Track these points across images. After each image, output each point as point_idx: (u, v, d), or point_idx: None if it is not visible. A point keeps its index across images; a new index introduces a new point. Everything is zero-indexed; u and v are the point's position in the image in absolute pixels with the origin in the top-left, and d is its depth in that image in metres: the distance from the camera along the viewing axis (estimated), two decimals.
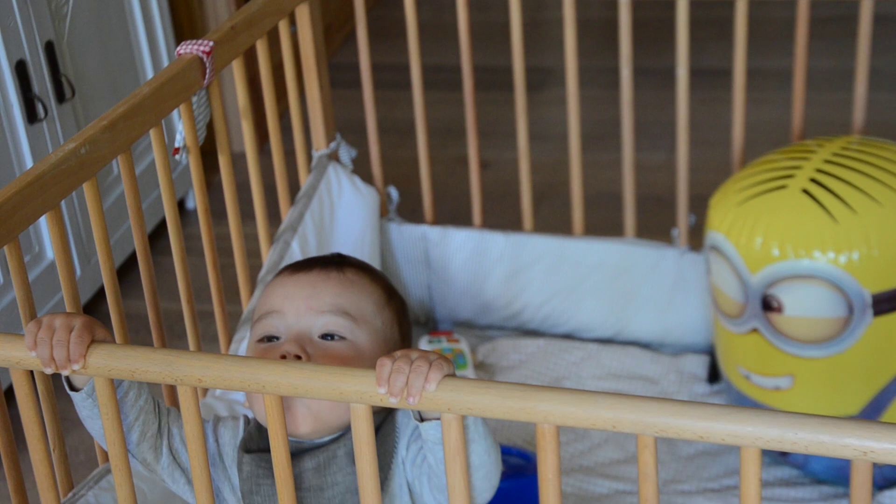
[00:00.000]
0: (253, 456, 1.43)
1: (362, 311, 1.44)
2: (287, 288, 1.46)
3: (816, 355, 1.89)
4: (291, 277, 1.47)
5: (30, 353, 1.28)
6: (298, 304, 1.43)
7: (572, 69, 2.21)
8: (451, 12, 2.37)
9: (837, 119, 2.67)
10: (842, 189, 1.88)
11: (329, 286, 1.44)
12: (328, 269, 1.47)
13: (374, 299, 1.46)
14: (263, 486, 1.42)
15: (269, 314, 1.44)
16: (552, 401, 1.16)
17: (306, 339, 1.41)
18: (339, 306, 1.42)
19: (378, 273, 1.52)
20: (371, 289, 1.47)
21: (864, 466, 1.12)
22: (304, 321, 1.42)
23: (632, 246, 2.28)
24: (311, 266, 1.48)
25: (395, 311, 1.49)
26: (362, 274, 1.48)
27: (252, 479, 1.43)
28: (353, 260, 1.52)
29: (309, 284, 1.45)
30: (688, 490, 2.01)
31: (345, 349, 1.41)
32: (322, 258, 1.52)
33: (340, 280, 1.46)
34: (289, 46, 2.08)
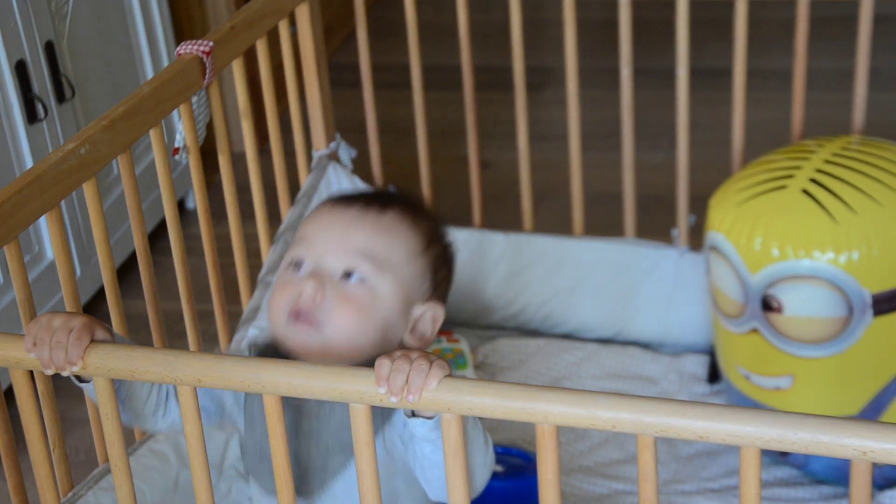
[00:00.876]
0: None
1: (391, 259, 1.42)
2: (323, 220, 1.45)
3: (816, 355, 1.89)
4: (332, 209, 1.46)
5: (29, 354, 1.28)
6: (328, 239, 1.42)
7: (572, 69, 2.21)
8: (451, 12, 2.37)
9: (837, 119, 2.67)
10: (842, 189, 1.88)
11: (362, 227, 1.43)
12: (368, 209, 1.45)
13: (409, 247, 1.44)
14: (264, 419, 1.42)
15: (300, 241, 1.44)
16: (552, 401, 1.17)
17: (327, 276, 1.40)
18: (366, 250, 1.41)
19: (424, 217, 1.49)
20: (408, 235, 1.45)
21: (864, 466, 1.12)
22: (329, 258, 1.41)
23: (632, 246, 2.28)
24: (353, 201, 1.46)
25: (431, 259, 1.47)
26: (403, 218, 1.45)
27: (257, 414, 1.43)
28: (402, 199, 1.50)
29: (343, 222, 1.43)
30: (688, 490, 2.01)
31: (363, 294, 1.40)
32: (369, 195, 1.51)
33: (376, 223, 1.44)
34: (289, 46, 2.08)
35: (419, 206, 1.51)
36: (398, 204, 1.47)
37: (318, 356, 1.40)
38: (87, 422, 1.76)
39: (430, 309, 1.46)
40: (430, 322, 1.46)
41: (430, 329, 1.46)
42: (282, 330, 1.41)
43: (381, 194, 1.52)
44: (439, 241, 1.50)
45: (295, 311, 1.39)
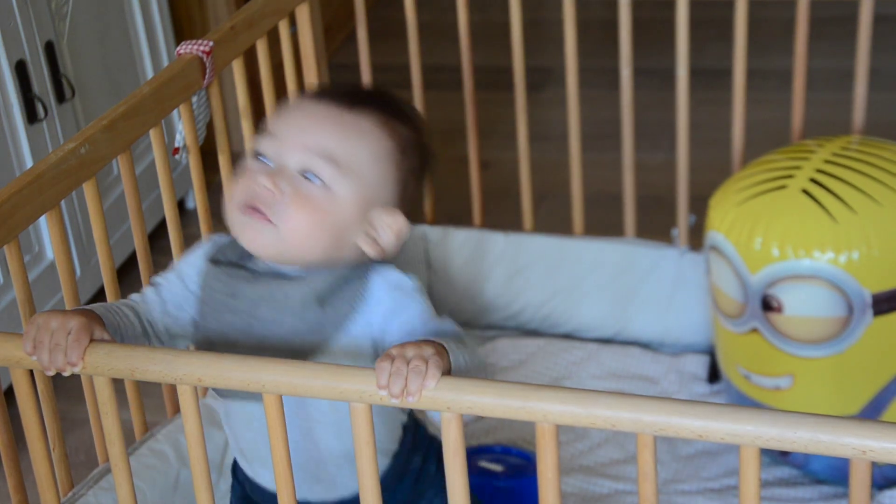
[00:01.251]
0: (216, 267, 1.42)
1: (354, 161, 1.37)
2: (293, 114, 1.40)
3: (816, 355, 1.89)
4: (303, 104, 1.41)
5: (30, 357, 1.28)
6: (293, 135, 1.37)
7: (572, 69, 2.21)
8: (451, 12, 2.37)
9: (837, 119, 2.67)
10: (842, 189, 1.88)
11: (329, 125, 1.38)
12: (339, 106, 1.39)
13: (377, 152, 1.38)
14: (217, 299, 1.41)
15: (267, 134, 1.39)
16: (551, 400, 1.17)
17: (285, 174, 1.36)
18: (327, 149, 1.36)
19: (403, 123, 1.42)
20: (379, 140, 1.39)
21: (864, 466, 1.12)
22: (290, 153, 1.37)
23: (632, 246, 2.28)
24: (326, 97, 1.41)
25: (401, 169, 1.41)
26: (377, 121, 1.39)
27: (208, 290, 1.42)
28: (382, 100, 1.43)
29: (310, 118, 1.38)
30: (688, 490, 2.01)
31: (319, 195, 1.36)
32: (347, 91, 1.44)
33: (345, 122, 1.38)
34: (289, 46, 2.08)
35: (400, 112, 1.43)
36: (376, 106, 1.40)
37: (268, 253, 1.38)
38: (87, 422, 1.76)
39: (393, 218, 1.40)
40: (393, 232, 1.40)
41: (391, 239, 1.41)
42: (235, 222, 1.38)
43: (359, 92, 1.45)
44: (414, 150, 1.43)
45: (248, 204, 1.36)
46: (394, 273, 1.40)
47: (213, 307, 1.41)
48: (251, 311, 1.39)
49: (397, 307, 1.38)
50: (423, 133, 1.45)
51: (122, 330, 1.39)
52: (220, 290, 1.41)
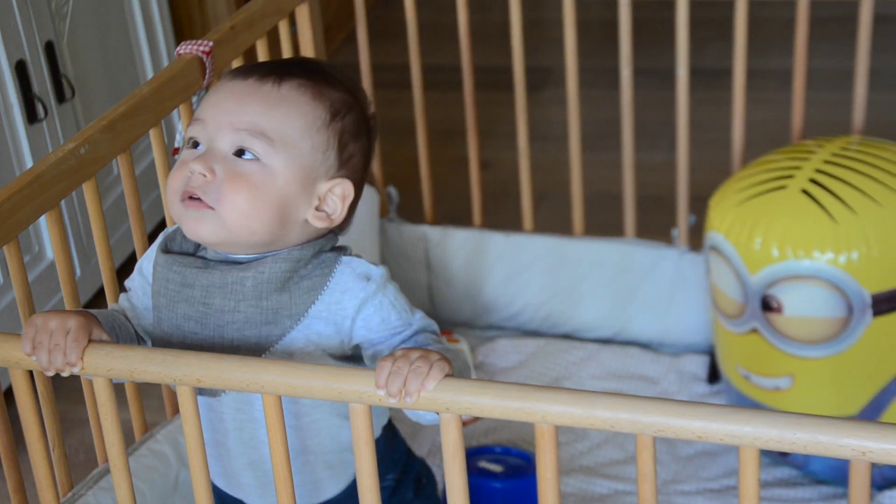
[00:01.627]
0: (167, 256, 1.40)
1: (284, 133, 1.34)
2: (218, 96, 1.37)
3: (816, 355, 1.89)
4: (227, 84, 1.38)
5: (29, 358, 1.28)
6: (220, 117, 1.35)
7: (572, 69, 2.21)
8: (451, 12, 2.37)
9: (837, 119, 2.67)
10: (841, 189, 1.88)
11: (255, 101, 1.35)
12: (264, 81, 1.37)
13: (307, 120, 1.36)
14: (170, 289, 1.38)
15: (195, 120, 1.37)
16: (551, 401, 1.17)
17: (218, 156, 1.34)
18: (256, 125, 1.34)
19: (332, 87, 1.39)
20: (308, 107, 1.36)
21: (863, 466, 1.12)
22: (219, 135, 1.34)
23: (632, 246, 2.28)
24: (249, 73, 1.38)
25: (336, 132, 1.38)
26: (304, 89, 1.37)
27: (161, 280, 1.39)
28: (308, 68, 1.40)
29: (235, 96, 1.36)
30: (687, 490, 2.01)
31: (255, 171, 1.33)
32: (270, 65, 1.42)
33: (270, 95, 1.36)
34: (289, 46, 2.08)
35: (327, 76, 1.40)
36: (300, 74, 1.38)
37: (213, 239, 1.36)
38: (87, 422, 1.76)
39: (338, 185, 1.38)
40: (340, 199, 1.38)
41: (339, 207, 1.39)
42: (176, 213, 1.36)
43: (283, 63, 1.42)
44: (349, 112, 1.40)
45: (186, 193, 1.34)
46: (361, 263, 1.37)
47: (168, 298, 1.39)
48: (204, 300, 1.37)
49: (368, 297, 1.35)
50: (356, 92, 1.42)
51: (118, 332, 1.39)
52: (172, 280, 1.38)
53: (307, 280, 1.36)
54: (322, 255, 1.38)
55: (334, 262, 1.38)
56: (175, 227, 1.43)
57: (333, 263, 1.37)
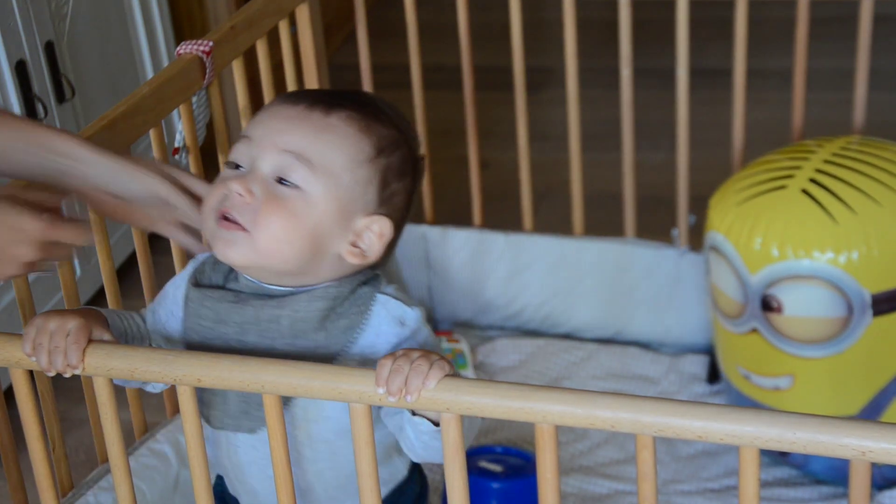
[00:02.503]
0: (199, 291, 1.37)
1: (327, 162, 1.32)
2: (266, 115, 1.36)
3: (816, 355, 1.89)
4: (276, 106, 1.37)
5: (29, 359, 1.28)
6: (265, 137, 1.33)
7: (572, 69, 2.21)
8: (451, 12, 2.37)
9: (837, 119, 2.67)
10: (841, 189, 1.88)
11: (303, 127, 1.33)
12: (314, 108, 1.34)
13: (351, 152, 1.33)
14: (203, 325, 1.35)
15: (241, 138, 1.36)
16: (551, 401, 1.17)
17: (258, 178, 1.31)
18: (301, 149, 1.31)
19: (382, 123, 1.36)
20: (353, 141, 1.33)
21: (863, 466, 1.12)
22: (262, 156, 1.32)
23: (632, 246, 2.28)
24: (300, 99, 1.36)
25: (380, 169, 1.35)
26: (352, 122, 1.34)
27: (194, 317, 1.36)
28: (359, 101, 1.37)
29: (284, 119, 1.34)
30: (687, 490, 2.01)
31: (294, 198, 1.31)
32: (321, 93, 1.40)
33: (317, 123, 1.33)
34: (289, 46, 2.08)
35: (378, 111, 1.37)
36: (350, 106, 1.35)
37: (243, 262, 1.32)
38: (87, 422, 1.76)
39: (376, 222, 1.35)
40: (376, 237, 1.35)
41: (375, 245, 1.35)
42: (210, 233, 1.33)
43: (335, 93, 1.38)
44: (395, 150, 1.36)
45: (222, 213, 1.31)
46: (398, 305, 1.34)
47: (201, 335, 1.36)
48: (239, 338, 1.34)
49: (400, 343, 1.32)
50: (406, 131, 1.39)
51: (128, 334, 1.38)
52: (205, 317, 1.35)
53: (344, 319, 1.33)
54: (358, 289, 1.35)
55: (370, 300, 1.34)
56: (204, 258, 1.40)
57: (369, 301, 1.34)
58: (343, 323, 1.33)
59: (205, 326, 1.35)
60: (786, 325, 1.89)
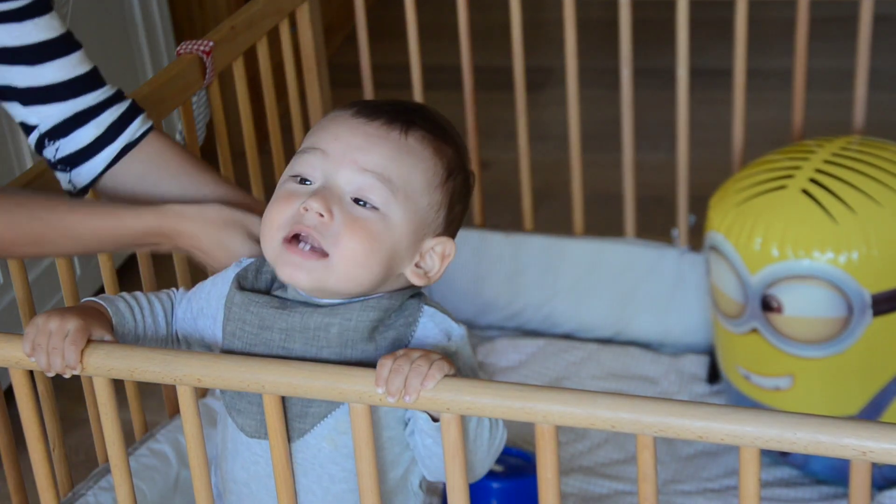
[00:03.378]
0: (244, 295, 1.32)
1: (408, 185, 1.27)
2: (341, 128, 1.29)
3: (816, 355, 1.89)
4: (351, 121, 1.29)
5: (29, 359, 1.28)
6: (344, 152, 1.26)
7: (572, 69, 2.21)
8: (451, 12, 2.37)
9: (837, 119, 2.67)
10: (841, 189, 1.88)
11: (385, 146, 1.27)
12: (392, 127, 1.28)
13: (429, 176, 1.29)
14: (247, 331, 1.30)
15: (311, 150, 1.28)
16: (551, 401, 1.17)
17: (336, 197, 1.26)
18: (385, 170, 1.26)
19: (449, 143, 1.32)
20: (431, 163, 1.29)
21: (864, 466, 1.12)
22: (342, 174, 1.26)
23: (632, 246, 2.28)
24: (376, 115, 1.29)
25: (450, 192, 1.31)
26: (428, 143, 1.29)
27: (236, 321, 1.31)
28: (428, 119, 1.32)
29: (364, 136, 1.27)
30: (688, 490, 2.01)
31: (374, 221, 1.26)
32: (395, 109, 1.32)
33: (399, 144, 1.28)
34: (289, 46, 2.08)
35: (445, 130, 1.33)
36: (423, 125, 1.31)
37: (310, 287, 1.28)
38: (87, 422, 1.76)
39: (441, 244, 1.31)
40: (439, 258, 1.32)
41: (437, 265, 1.32)
42: (275, 251, 1.28)
43: (406, 110, 1.32)
44: (461, 171, 1.33)
45: (295, 232, 1.26)
46: (444, 318, 1.31)
47: (244, 341, 1.31)
48: (283, 344, 1.30)
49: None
50: (463, 149, 1.35)
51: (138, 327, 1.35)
52: (249, 322, 1.30)
53: (392, 330, 1.30)
54: (406, 302, 1.32)
55: (417, 312, 1.31)
56: (248, 261, 1.37)
57: (417, 313, 1.31)
58: (391, 334, 1.29)
59: (248, 332, 1.31)
60: (786, 325, 1.89)
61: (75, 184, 1.52)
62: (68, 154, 1.50)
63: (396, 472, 1.33)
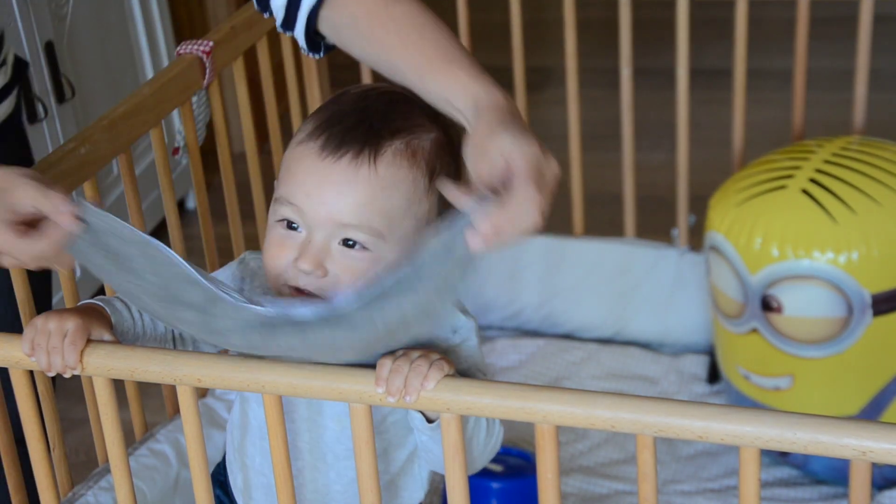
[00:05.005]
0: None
1: (390, 218, 1.26)
2: (310, 179, 1.27)
3: (816, 355, 1.89)
4: (318, 162, 1.26)
5: (29, 358, 1.28)
6: (318, 209, 1.26)
7: (572, 69, 2.21)
8: (452, 12, 2.37)
9: (837, 119, 2.67)
10: (841, 189, 1.88)
11: (356, 192, 1.25)
12: (360, 162, 1.25)
13: (408, 195, 1.27)
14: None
15: (286, 203, 1.28)
16: (551, 401, 1.17)
17: (325, 250, 1.26)
18: (362, 220, 1.26)
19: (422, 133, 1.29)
20: (409, 180, 1.27)
21: (863, 466, 1.12)
22: (323, 230, 1.26)
23: (632, 246, 2.28)
24: (342, 147, 1.26)
25: (436, 191, 1.29)
26: (401, 158, 1.27)
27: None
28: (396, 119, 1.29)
29: (333, 185, 1.25)
30: (688, 490, 2.01)
31: (366, 259, 1.27)
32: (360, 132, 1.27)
33: (371, 182, 1.25)
34: (289, 46, 2.08)
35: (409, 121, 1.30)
36: (394, 135, 1.27)
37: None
38: (87, 422, 1.76)
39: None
40: None
41: None
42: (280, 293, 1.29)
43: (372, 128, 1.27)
44: (441, 156, 1.31)
45: (296, 290, 1.28)
46: (451, 312, 1.31)
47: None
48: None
49: (449, 350, 1.30)
50: (444, 120, 1.31)
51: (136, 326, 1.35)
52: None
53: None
54: None
55: None
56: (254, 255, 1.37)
57: None
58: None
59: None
60: (786, 325, 1.89)
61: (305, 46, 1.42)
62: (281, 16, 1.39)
63: (401, 454, 1.35)
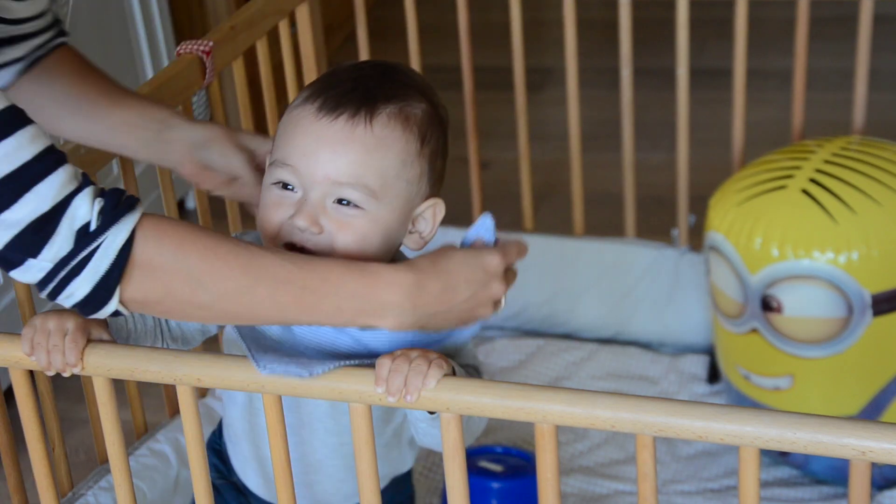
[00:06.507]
0: None
1: (384, 178, 1.29)
2: (307, 139, 1.29)
3: (816, 355, 1.89)
4: (314, 122, 1.29)
5: (28, 357, 1.28)
6: (314, 168, 1.28)
7: (572, 69, 2.21)
8: (451, 12, 2.37)
9: (837, 119, 2.67)
10: (841, 189, 1.88)
11: (352, 150, 1.27)
12: (356, 121, 1.28)
13: (401, 157, 1.30)
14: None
15: (283, 165, 1.29)
16: (551, 400, 1.17)
17: (320, 207, 1.28)
18: (357, 177, 1.28)
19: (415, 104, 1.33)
20: (400, 143, 1.30)
21: (863, 466, 1.12)
22: (318, 188, 1.28)
23: (632, 246, 2.28)
24: (338, 108, 1.29)
25: (428, 156, 1.33)
26: (396, 121, 1.30)
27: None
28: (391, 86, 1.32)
29: (329, 144, 1.28)
30: (687, 490, 2.01)
31: (361, 217, 1.29)
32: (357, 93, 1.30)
33: (366, 141, 1.28)
34: (289, 46, 2.08)
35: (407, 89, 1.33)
36: (388, 101, 1.30)
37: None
38: (87, 422, 1.77)
39: (431, 206, 1.35)
40: (431, 219, 1.35)
41: (429, 226, 1.35)
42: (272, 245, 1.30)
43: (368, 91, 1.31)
44: (434, 130, 1.35)
45: (290, 245, 1.29)
46: None
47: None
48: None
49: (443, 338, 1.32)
50: (429, 94, 1.36)
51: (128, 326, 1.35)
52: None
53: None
54: None
55: None
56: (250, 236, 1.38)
57: None
58: None
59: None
60: (786, 325, 1.89)
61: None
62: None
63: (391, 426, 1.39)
